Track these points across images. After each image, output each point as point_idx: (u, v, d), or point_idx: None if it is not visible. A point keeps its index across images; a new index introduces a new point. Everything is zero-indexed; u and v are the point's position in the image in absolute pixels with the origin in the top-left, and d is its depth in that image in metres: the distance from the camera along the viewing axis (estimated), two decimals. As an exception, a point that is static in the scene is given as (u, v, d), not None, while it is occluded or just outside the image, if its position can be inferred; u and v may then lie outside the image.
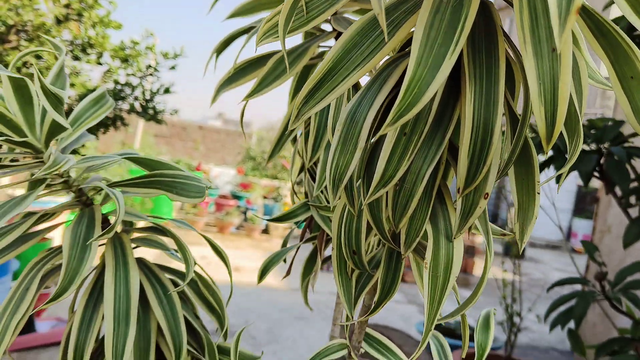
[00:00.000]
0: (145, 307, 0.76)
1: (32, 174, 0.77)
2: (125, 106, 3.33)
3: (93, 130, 3.10)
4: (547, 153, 0.41)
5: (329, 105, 0.81)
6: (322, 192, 0.96)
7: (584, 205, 10.90)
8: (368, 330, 0.80)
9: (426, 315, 0.54)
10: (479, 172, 0.49)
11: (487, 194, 0.53)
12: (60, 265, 0.77)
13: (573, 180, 10.84)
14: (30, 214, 0.75)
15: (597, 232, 3.56)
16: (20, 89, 0.71)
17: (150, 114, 3.29)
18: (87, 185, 0.75)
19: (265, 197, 8.72)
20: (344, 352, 0.78)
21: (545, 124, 0.40)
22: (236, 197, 9.10)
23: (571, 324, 1.89)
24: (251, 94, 0.83)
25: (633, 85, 0.49)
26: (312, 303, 0.99)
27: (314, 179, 0.95)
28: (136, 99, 3.29)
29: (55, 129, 0.73)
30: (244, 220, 8.35)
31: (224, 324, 0.84)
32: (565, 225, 10.50)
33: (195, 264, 0.75)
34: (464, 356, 0.62)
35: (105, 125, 3.15)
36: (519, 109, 0.56)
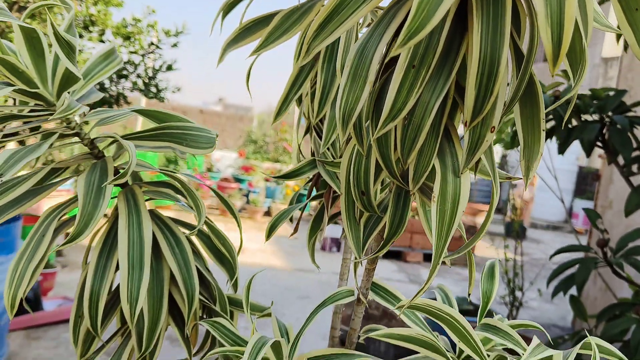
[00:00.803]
0: (158, 257, 0.78)
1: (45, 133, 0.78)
2: (127, 84, 3.33)
3: (96, 106, 3.09)
4: (553, 75, 0.43)
5: (335, 57, 0.82)
6: (328, 149, 0.98)
7: (585, 186, 10.90)
8: (374, 280, 0.82)
9: (434, 249, 0.55)
10: (486, 102, 0.50)
11: (494, 127, 0.54)
12: (73, 217, 0.79)
13: (574, 161, 10.84)
14: (42, 167, 0.76)
15: (598, 207, 3.57)
16: (32, 41, 0.72)
17: (152, 91, 3.30)
18: (99, 136, 0.76)
19: (267, 180, 8.73)
20: (352, 298, 0.80)
21: (552, 44, 0.42)
22: (238, 180, 9.11)
23: (573, 291, 1.91)
24: (259, 49, 0.84)
25: (638, 17, 0.51)
26: (315, 282, 1.00)
27: (320, 137, 0.97)
28: (138, 76, 3.29)
29: (67, 81, 0.74)
30: (246, 203, 8.38)
31: (234, 273, 0.86)
32: (567, 206, 10.52)
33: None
34: (470, 292, 0.64)
35: (108, 103, 3.16)
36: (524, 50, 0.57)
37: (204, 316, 0.87)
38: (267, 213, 8.65)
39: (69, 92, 0.78)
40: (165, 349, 3.98)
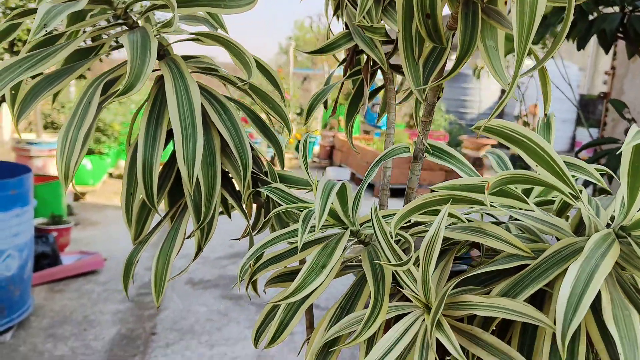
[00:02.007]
0: (206, 126, 0.75)
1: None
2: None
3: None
4: None
5: None
6: (364, 17, 0.94)
7: (587, 115, 10.84)
8: (430, 141, 0.80)
9: (517, 51, 0.52)
10: None
11: None
12: (115, 79, 0.76)
13: (575, 89, 10.73)
14: (78, 37, 0.73)
15: (609, 120, 3.55)
16: None
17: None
18: (132, 1, 0.72)
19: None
20: (408, 153, 0.78)
21: None
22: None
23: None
24: None
25: None
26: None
27: (355, 5, 0.92)
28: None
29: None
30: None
31: (281, 150, 0.83)
32: (570, 135, 10.49)
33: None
34: (547, 112, 0.61)
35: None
36: None
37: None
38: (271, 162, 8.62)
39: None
40: (185, 292, 4.00)
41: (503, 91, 0.81)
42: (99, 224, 5.12)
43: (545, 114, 0.65)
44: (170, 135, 0.74)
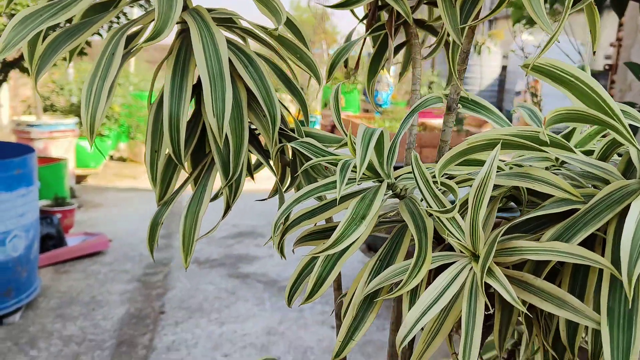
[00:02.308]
0: (233, 80, 0.72)
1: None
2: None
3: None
4: None
5: None
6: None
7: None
8: (462, 92, 0.77)
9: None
10: None
11: None
12: (138, 32, 0.73)
13: (577, 62, 10.66)
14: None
15: (616, 92, 3.51)
16: None
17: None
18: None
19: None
20: (442, 104, 0.75)
21: None
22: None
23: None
24: None
25: None
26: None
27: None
28: None
29: None
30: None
31: (306, 105, 0.81)
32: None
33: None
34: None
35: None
36: None
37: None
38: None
39: None
40: (192, 272, 4.00)
41: (504, 67, 0.78)
42: (102, 206, 5.10)
43: (594, 52, 0.63)
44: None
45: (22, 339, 2.65)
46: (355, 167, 0.63)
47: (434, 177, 0.60)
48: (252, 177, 0.86)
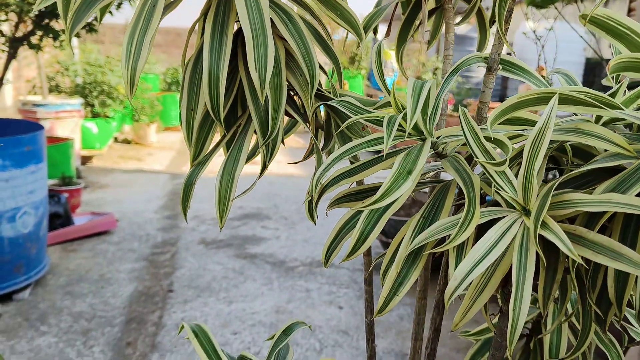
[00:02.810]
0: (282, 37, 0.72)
1: None
2: None
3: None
4: None
5: None
6: None
7: (594, 78, 10.73)
8: (503, 55, 0.76)
9: None
10: None
11: None
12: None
13: (581, 52, 10.61)
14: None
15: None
16: None
17: None
18: None
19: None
20: (483, 63, 0.74)
21: None
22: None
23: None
24: None
25: None
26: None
27: None
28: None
29: None
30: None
31: (339, 65, 0.79)
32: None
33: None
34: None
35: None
36: None
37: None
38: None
39: None
40: (199, 252, 4.05)
41: (508, 54, 0.78)
42: (108, 186, 5.10)
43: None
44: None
45: (32, 315, 2.66)
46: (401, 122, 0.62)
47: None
48: (283, 142, 0.85)
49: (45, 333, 2.52)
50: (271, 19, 0.71)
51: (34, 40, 3.00)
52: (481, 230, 0.58)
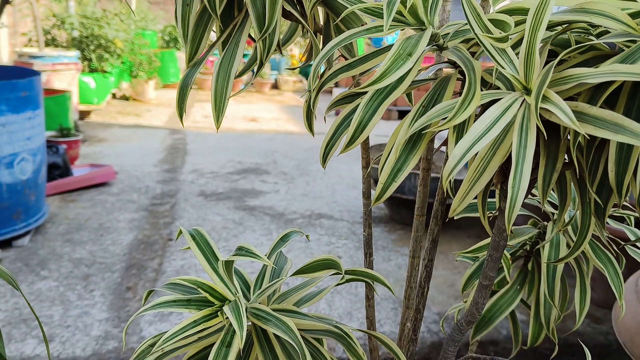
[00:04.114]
0: None
1: None
2: None
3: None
4: None
5: None
6: None
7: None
8: None
9: None
10: None
11: None
12: None
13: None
14: None
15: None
16: None
17: None
18: None
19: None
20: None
21: None
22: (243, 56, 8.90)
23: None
24: None
25: None
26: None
27: None
28: None
29: None
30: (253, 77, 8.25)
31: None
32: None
33: None
34: None
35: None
36: None
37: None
38: (275, 86, 8.56)
39: None
40: (199, 204, 3.97)
41: None
42: (106, 140, 5.08)
43: None
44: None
45: (32, 261, 2.68)
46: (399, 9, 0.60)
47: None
48: (281, 52, 0.84)
49: (45, 277, 2.54)
50: None
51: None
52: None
